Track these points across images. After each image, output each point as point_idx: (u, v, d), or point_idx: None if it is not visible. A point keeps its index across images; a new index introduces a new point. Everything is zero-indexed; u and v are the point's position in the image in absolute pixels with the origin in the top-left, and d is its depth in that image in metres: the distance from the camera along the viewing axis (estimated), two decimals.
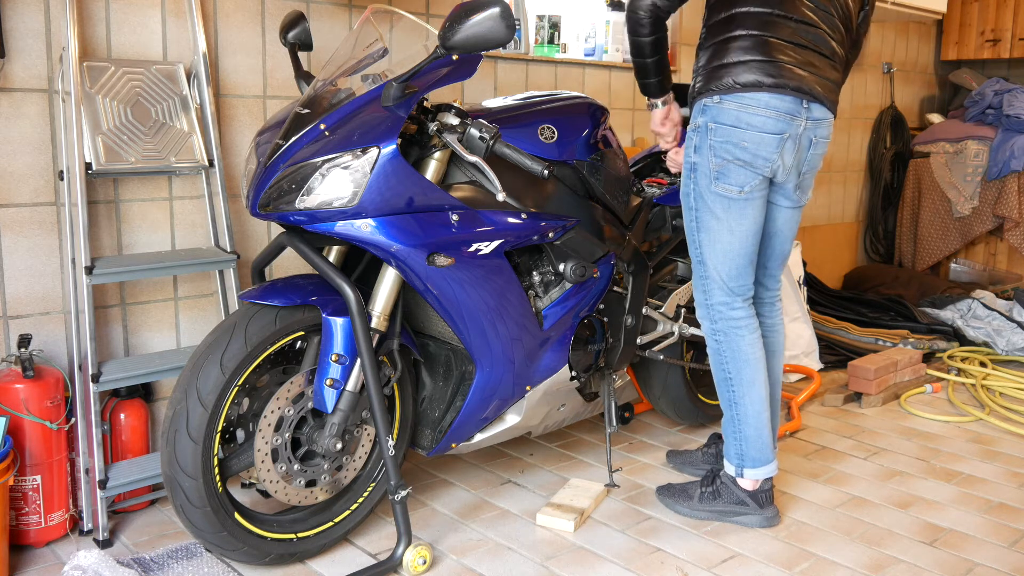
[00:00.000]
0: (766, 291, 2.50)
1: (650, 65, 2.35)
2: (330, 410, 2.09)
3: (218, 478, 2.02)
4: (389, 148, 1.96)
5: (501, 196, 2.05)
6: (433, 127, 2.06)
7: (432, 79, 2.05)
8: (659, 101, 2.43)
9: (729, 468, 2.42)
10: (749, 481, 2.40)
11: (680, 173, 2.64)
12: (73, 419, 2.30)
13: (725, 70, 2.17)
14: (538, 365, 2.36)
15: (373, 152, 1.95)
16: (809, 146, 2.25)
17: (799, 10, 2.18)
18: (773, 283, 2.51)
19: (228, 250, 2.54)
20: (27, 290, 2.35)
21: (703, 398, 3.08)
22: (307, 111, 2.05)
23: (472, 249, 2.11)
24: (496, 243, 2.16)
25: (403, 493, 2.11)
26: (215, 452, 2.00)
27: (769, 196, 2.33)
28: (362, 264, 2.31)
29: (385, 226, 1.99)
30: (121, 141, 2.34)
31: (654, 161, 3.00)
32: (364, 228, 1.98)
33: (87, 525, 2.32)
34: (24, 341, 2.23)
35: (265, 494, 2.18)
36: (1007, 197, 4.68)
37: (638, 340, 2.67)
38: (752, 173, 2.20)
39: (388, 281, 2.12)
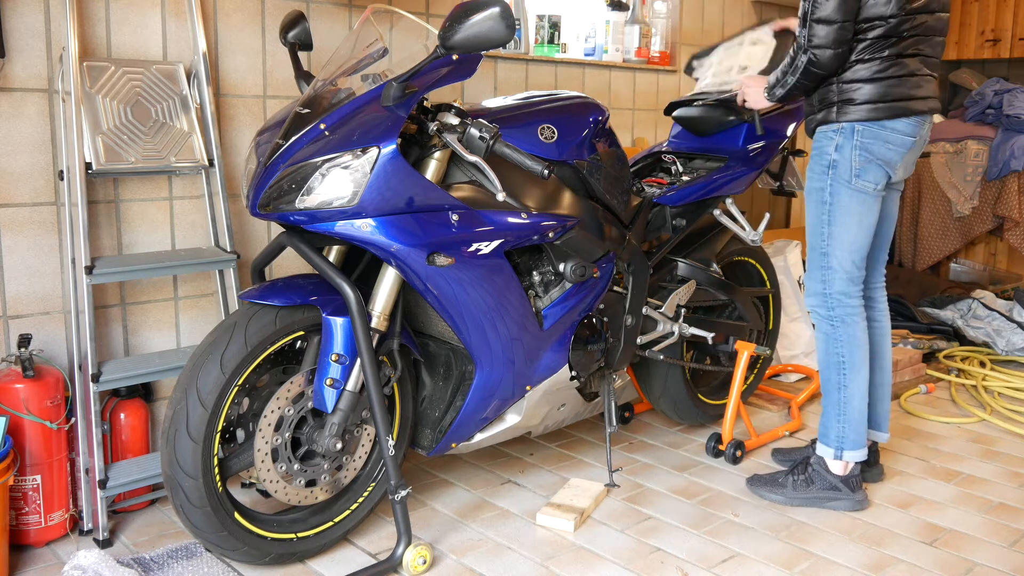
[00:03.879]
0: (880, 276, 2.68)
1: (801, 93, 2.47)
2: (330, 410, 2.09)
3: (218, 478, 2.02)
4: (389, 148, 1.96)
5: (501, 196, 2.05)
6: (433, 127, 2.06)
7: (432, 79, 2.05)
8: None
9: (825, 452, 2.54)
10: (841, 464, 2.52)
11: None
12: (73, 419, 2.30)
13: (875, 92, 2.33)
14: (538, 365, 2.36)
15: (373, 152, 1.95)
16: (921, 145, 2.48)
17: (935, 28, 2.38)
18: (883, 268, 2.69)
19: (228, 250, 2.54)
20: (27, 290, 2.35)
21: (703, 398, 3.08)
22: (307, 111, 2.05)
23: (472, 249, 2.11)
24: (496, 243, 2.16)
25: (403, 493, 2.11)
26: (215, 452, 2.00)
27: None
28: (362, 264, 2.31)
29: (385, 226, 1.99)
30: (121, 141, 2.34)
31: (654, 161, 3.00)
32: (364, 228, 1.98)
33: (87, 525, 2.32)
34: (24, 341, 2.23)
35: (265, 494, 2.18)
36: (1007, 197, 4.67)
37: (638, 340, 2.67)
38: (885, 172, 2.41)
39: (388, 281, 2.12)
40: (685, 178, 2.84)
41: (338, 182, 1.95)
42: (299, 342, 2.19)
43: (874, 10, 2.28)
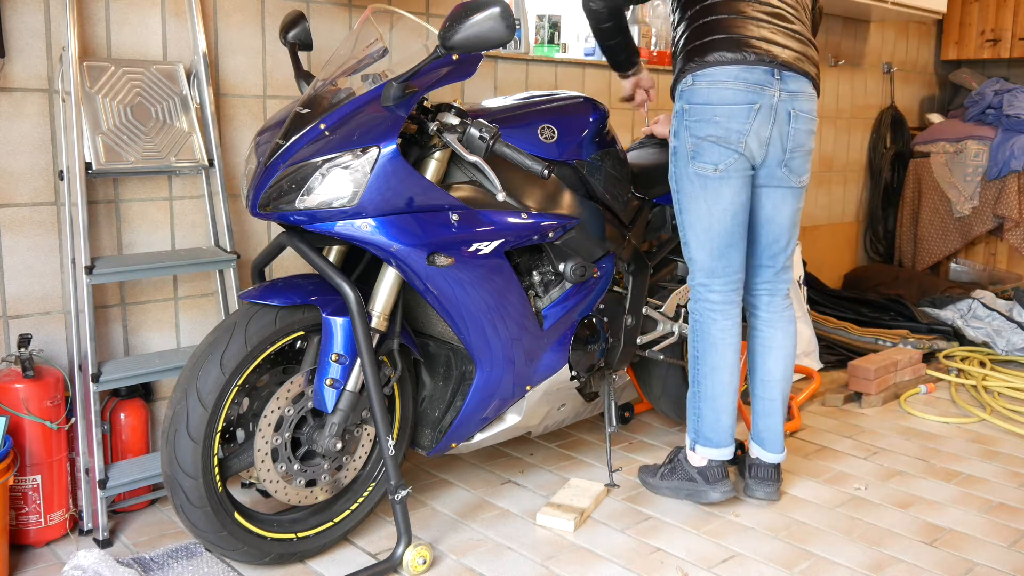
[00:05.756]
0: (763, 283, 2.52)
1: (615, 46, 2.61)
2: (330, 410, 2.09)
3: (218, 478, 2.02)
4: (389, 148, 1.96)
5: (501, 196, 2.05)
6: (433, 127, 2.06)
7: (432, 79, 2.05)
8: (629, 73, 2.73)
9: (686, 441, 2.51)
10: (698, 457, 2.47)
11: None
12: (73, 419, 2.30)
13: (693, 54, 2.28)
14: (538, 365, 2.36)
15: (373, 152, 1.95)
16: (788, 119, 2.29)
17: None
18: (769, 275, 2.51)
19: (228, 250, 2.54)
20: (27, 290, 2.35)
21: None
22: (307, 111, 2.05)
23: (472, 249, 2.11)
24: (496, 243, 2.16)
25: (403, 493, 2.11)
26: (215, 452, 2.00)
27: (756, 181, 2.37)
28: (362, 264, 2.31)
29: (385, 226, 1.99)
30: (121, 141, 2.34)
31: None
32: (364, 228, 1.98)
33: (87, 525, 2.32)
34: (24, 341, 2.23)
35: (265, 494, 2.18)
36: (1007, 197, 4.67)
37: (638, 340, 2.67)
38: (725, 150, 2.27)
39: (388, 281, 2.12)
40: None
41: (338, 182, 1.95)
42: (299, 342, 2.19)
43: None
